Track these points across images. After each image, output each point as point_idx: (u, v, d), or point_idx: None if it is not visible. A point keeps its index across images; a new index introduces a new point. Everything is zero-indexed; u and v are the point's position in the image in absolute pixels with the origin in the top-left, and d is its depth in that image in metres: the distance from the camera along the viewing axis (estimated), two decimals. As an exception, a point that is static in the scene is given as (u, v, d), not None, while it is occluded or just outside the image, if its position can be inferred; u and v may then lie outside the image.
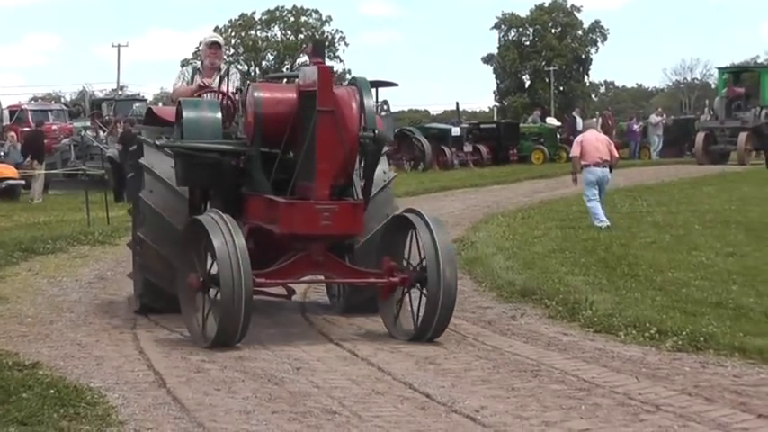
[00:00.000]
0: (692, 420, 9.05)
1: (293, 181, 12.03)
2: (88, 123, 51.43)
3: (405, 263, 12.40)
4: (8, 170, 39.62)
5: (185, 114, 12.97)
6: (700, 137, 52.83)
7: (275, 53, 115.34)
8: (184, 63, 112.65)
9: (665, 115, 68.77)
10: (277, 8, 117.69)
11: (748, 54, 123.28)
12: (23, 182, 38.49)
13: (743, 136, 50.15)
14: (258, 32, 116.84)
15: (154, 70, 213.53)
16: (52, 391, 9.69)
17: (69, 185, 37.69)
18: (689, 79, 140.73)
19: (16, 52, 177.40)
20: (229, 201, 12.88)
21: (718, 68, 61.47)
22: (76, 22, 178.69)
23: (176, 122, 13.17)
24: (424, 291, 11.88)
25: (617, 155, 26.90)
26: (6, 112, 57.67)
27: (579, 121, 62.79)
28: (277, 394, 9.95)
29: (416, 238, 12.07)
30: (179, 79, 15.36)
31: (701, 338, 11.94)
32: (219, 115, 13.16)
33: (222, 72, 14.93)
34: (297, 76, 13.03)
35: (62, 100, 63.15)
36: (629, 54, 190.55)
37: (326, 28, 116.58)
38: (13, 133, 43.86)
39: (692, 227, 23.59)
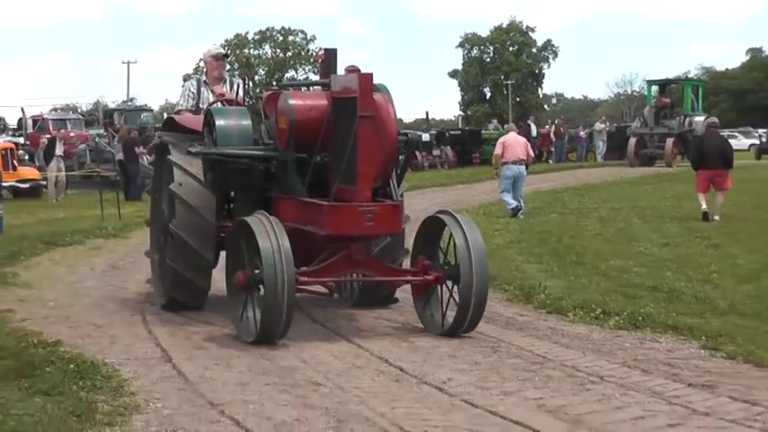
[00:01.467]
0: (631, 389, 9.11)
1: (332, 183, 11.25)
2: (102, 131, 51.33)
3: (441, 260, 11.63)
4: (32, 172, 39.55)
5: (218, 122, 12.19)
6: (632, 142, 53.37)
7: (266, 69, 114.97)
8: (186, 78, 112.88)
9: (608, 123, 69.20)
10: (268, 29, 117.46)
11: (680, 69, 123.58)
12: (45, 182, 38.35)
13: (669, 141, 50.77)
14: (251, 50, 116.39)
15: (159, 84, 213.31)
16: (72, 366, 9.73)
17: (85, 186, 37.58)
18: (629, 91, 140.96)
19: (37, 68, 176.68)
20: (256, 203, 11.96)
21: (647, 81, 62.31)
22: (91, 42, 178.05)
23: (205, 131, 12.39)
24: (456, 288, 11.20)
25: (532, 155, 28.77)
26: (30, 121, 57.55)
27: (533, 128, 63.18)
28: (269, 369, 9.98)
29: (452, 238, 11.26)
30: (184, 97, 14.22)
31: (640, 318, 12.01)
32: (249, 122, 12.39)
33: (229, 82, 14.32)
34: (310, 84, 12.90)
35: (78, 110, 62.88)
36: (576, 69, 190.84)
37: (311, 46, 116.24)
38: (44, 139, 43.54)
39: (632, 221, 23.69)
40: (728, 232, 20.97)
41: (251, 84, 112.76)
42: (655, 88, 57.70)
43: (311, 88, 12.74)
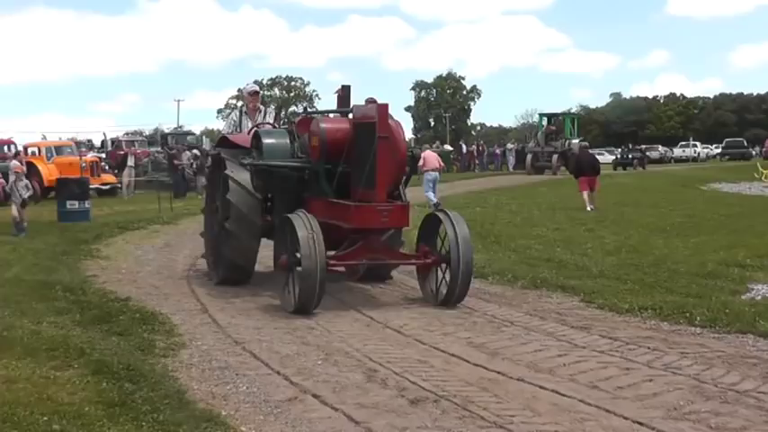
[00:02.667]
0: (532, 331, 9.11)
1: (355, 188, 10.67)
2: (159, 149, 51.23)
3: (436, 248, 11.01)
4: (110, 178, 39.65)
5: (265, 140, 11.77)
6: (529, 157, 53.89)
7: (276, 105, 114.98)
8: (230, 106, 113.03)
9: (516, 144, 69.57)
10: (277, 76, 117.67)
11: (566, 106, 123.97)
12: (120, 185, 38.55)
13: (555, 157, 51.26)
14: (265, 91, 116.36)
15: (200, 115, 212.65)
16: (138, 315, 9.76)
17: (147, 187, 37.49)
18: (530, 121, 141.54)
19: (112, 105, 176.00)
20: (292, 202, 11.38)
21: (540, 114, 62.54)
22: (153, 85, 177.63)
23: (253, 146, 11.88)
24: (448, 269, 10.60)
25: (443, 165, 30.84)
26: (109, 142, 57.46)
27: (464, 147, 63.34)
28: (277, 317, 9.93)
29: (447, 230, 10.69)
30: (228, 124, 13.94)
31: (538, 281, 11.98)
32: (288, 140, 11.88)
33: (263, 112, 13.71)
34: (332, 112, 12.24)
35: (143, 134, 62.67)
36: (494, 105, 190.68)
37: (307, 89, 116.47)
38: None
39: (533, 212, 23.69)
40: (599, 220, 21.00)
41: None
42: (544, 119, 58.17)
43: (334, 115, 12.21)
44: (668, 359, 7.79)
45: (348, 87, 12.36)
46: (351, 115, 11.41)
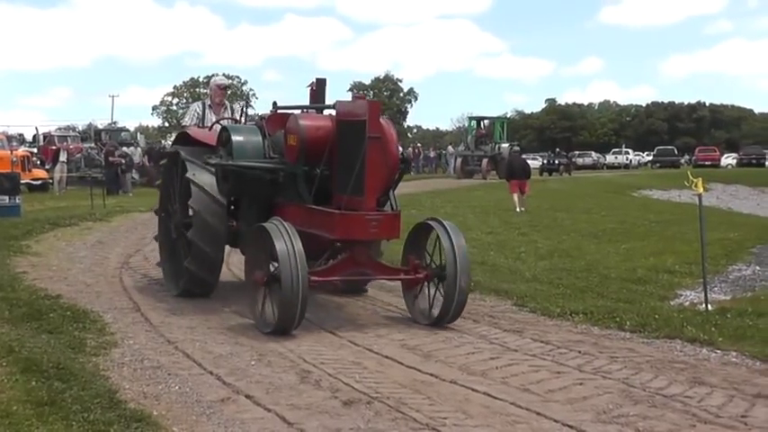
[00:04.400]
0: (466, 333, 9.18)
1: (338, 194, 9.73)
2: (93, 145, 50.59)
3: (427, 261, 9.95)
4: (42, 173, 39.17)
5: (234, 138, 10.55)
6: (458, 161, 53.98)
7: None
8: (165, 103, 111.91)
9: (455, 148, 69.89)
10: (214, 74, 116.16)
11: (501, 110, 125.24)
12: (51, 180, 38.14)
13: (485, 161, 50.98)
14: (201, 89, 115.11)
15: (134, 112, 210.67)
16: (69, 313, 9.60)
17: (80, 183, 37.00)
18: (466, 125, 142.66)
19: (43, 100, 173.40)
20: (263, 208, 10.57)
21: (469, 117, 62.88)
22: (86, 80, 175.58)
23: (221, 145, 10.75)
24: (441, 285, 9.59)
25: None
26: (41, 136, 56.63)
27: (400, 149, 63.31)
28: (211, 317, 9.87)
29: (439, 242, 9.72)
30: (190, 116, 12.79)
31: (472, 284, 11.96)
32: (260, 138, 10.67)
33: (230, 108, 12.80)
34: (307, 108, 11.07)
35: (76, 129, 61.69)
36: (430, 108, 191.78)
37: (245, 88, 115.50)
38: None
39: (467, 215, 23.83)
40: (532, 225, 21.23)
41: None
42: (474, 123, 58.40)
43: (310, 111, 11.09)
44: (598, 363, 7.90)
45: (323, 81, 11.28)
46: (333, 112, 10.48)
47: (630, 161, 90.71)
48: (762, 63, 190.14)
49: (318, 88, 11.22)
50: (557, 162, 65.65)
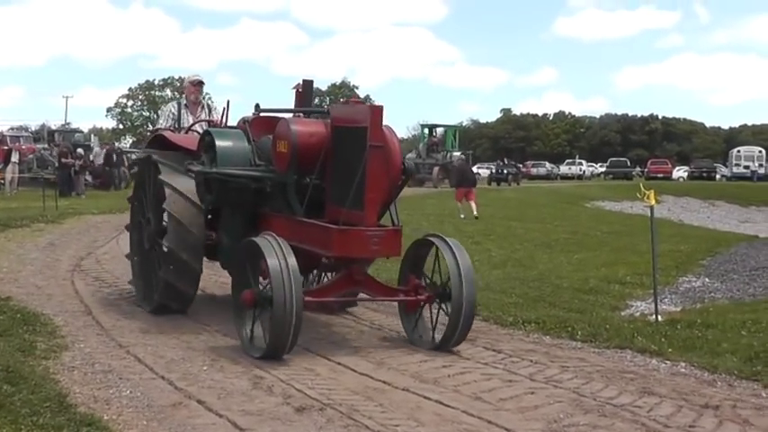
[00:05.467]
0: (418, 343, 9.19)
1: (333, 206, 8.97)
2: (46, 146, 50.09)
3: (426, 280, 9.25)
4: (-10, 173, 38.95)
5: (219, 143, 9.63)
6: (408, 168, 53.76)
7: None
8: (119, 105, 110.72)
9: (407, 156, 69.85)
10: (170, 77, 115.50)
11: (456, 119, 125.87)
12: (2, 181, 37.80)
13: (436, 169, 50.92)
14: (157, 91, 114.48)
15: (88, 113, 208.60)
16: (19, 316, 9.50)
17: (32, 184, 36.65)
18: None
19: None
20: (246, 219, 9.86)
21: (421, 125, 62.92)
22: (40, 80, 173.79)
23: (203, 150, 9.82)
24: (444, 306, 8.95)
25: None
26: (-9, 136, 56.13)
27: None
28: (163, 321, 9.79)
29: (438, 260, 9.07)
30: (164, 117, 11.79)
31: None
32: (246, 144, 9.81)
33: (207, 108, 11.83)
34: (292, 111, 10.07)
35: (29, 130, 61.06)
36: (385, 115, 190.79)
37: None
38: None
39: (421, 223, 23.82)
40: (485, 233, 21.36)
41: (156, 116, 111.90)
42: (426, 130, 58.47)
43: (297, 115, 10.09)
44: (550, 372, 7.96)
45: (310, 83, 10.47)
46: (324, 118, 9.71)
47: (584, 172, 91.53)
48: (713, 78, 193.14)
49: (305, 90, 10.45)
50: (505, 172, 65.58)
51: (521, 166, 79.86)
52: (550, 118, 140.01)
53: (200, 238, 9.87)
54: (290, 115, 9.86)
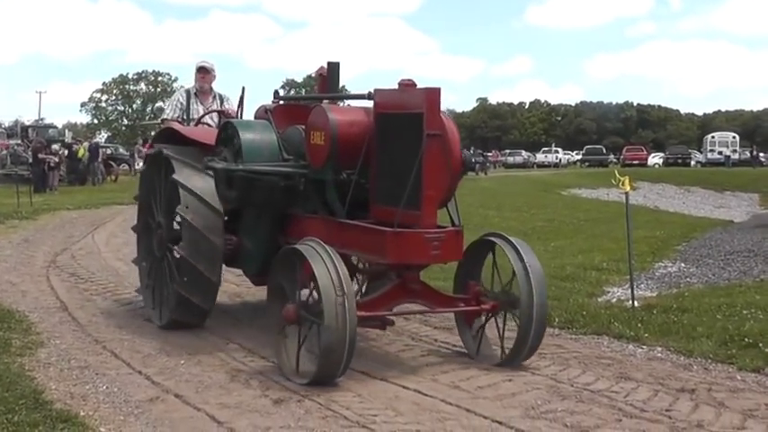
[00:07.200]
0: (397, 331, 9.11)
1: (379, 205, 7.70)
2: (19, 141, 49.77)
3: (484, 287, 8.13)
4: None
5: (243, 136, 8.34)
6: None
7: (142, 100, 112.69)
8: (93, 99, 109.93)
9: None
10: (144, 71, 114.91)
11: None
12: (-24, 178, 37.75)
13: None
14: (131, 86, 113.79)
15: (61, 108, 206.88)
16: (-8, 313, 9.44)
17: (5, 181, 36.42)
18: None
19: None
20: (275, 221, 8.71)
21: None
22: (12, 75, 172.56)
23: (222, 144, 8.58)
24: (510, 314, 7.89)
25: None
26: (-36, 133, 55.75)
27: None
28: (139, 316, 9.76)
29: (495, 262, 8.10)
30: (172, 107, 10.68)
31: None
32: (275, 136, 8.54)
33: (219, 97, 10.80)
34: (303, 98, 8.76)
35: (2, 126, 60.60)
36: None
37: (175, 84, 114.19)
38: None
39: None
40: (463, 223, 21.31)
41: (131, 110, 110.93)
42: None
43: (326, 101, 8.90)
44: (527, 360, 7.97)
45: (336, 65, 9.01)
46: (352, 103, 8.77)
47: (560, 160, 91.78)
48: (686, 65, 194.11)
49: (330, 74, 9.04)
50: (473, 161, 65.11)
51: (489, 155, 79.88)
52: (526, 107, 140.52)
53: (218, 246, 8.73)
54: (326, 103, 8.53)
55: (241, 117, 9.88)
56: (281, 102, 9.37)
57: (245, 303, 10.74)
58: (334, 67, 8.98)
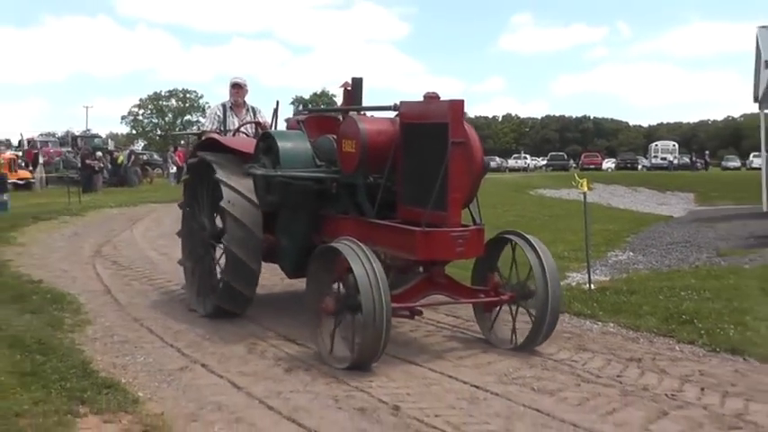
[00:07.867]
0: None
1: (406, 206, 7.40)
2: (70, 149, 49.73)
3: (503, 279, 7.80)
4: (26, 173, 38.64)
5: (281, 144, 8.10)
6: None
7: (173, 114, 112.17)
8: (132, 113, 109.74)
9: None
10: (174, 89, 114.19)
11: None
12: (34, 180, 37.66)
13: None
14: (163, 101, 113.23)
15: (103, 121, 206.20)
16: (48, 296, 9.45)
17: (59, 183, 36.40)
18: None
19: (29, 108, 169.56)
20: (309, 221, 8.36)
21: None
22: (62, 92, 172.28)
23: (261, 153, 8.35)
24: (523, 304, 7.62)
25: None
26: (25, 141, 55.55)
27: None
28: (171, 297, 9.80)
29: (514, 257, 7.73)
30: (210, 119, 10.31)
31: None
32: (309, 145, 8.28)
33: (252, 110, 10.37)
34: (331, 111, 8.92)
35: (55, 135, 60.48)
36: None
37: (201, 101, 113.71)
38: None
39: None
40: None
41: (164, 122, 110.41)
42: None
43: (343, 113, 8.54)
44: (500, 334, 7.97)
45: (359, 80, 8.59)
46: (378, 114, 8.27)
47: (528, 165, 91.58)
48: (635, 83, 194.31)
49: (354, 88, 8.62)
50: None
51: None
52: (499, 120, 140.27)
53: (258, 237, 8.34)
54: (355, 114, 8.18)
55: (275, 127, 9.67)
56: (308, 113, 9.10)
57: (261, 286, 10.72)
58: (357, 82, 8.60)
